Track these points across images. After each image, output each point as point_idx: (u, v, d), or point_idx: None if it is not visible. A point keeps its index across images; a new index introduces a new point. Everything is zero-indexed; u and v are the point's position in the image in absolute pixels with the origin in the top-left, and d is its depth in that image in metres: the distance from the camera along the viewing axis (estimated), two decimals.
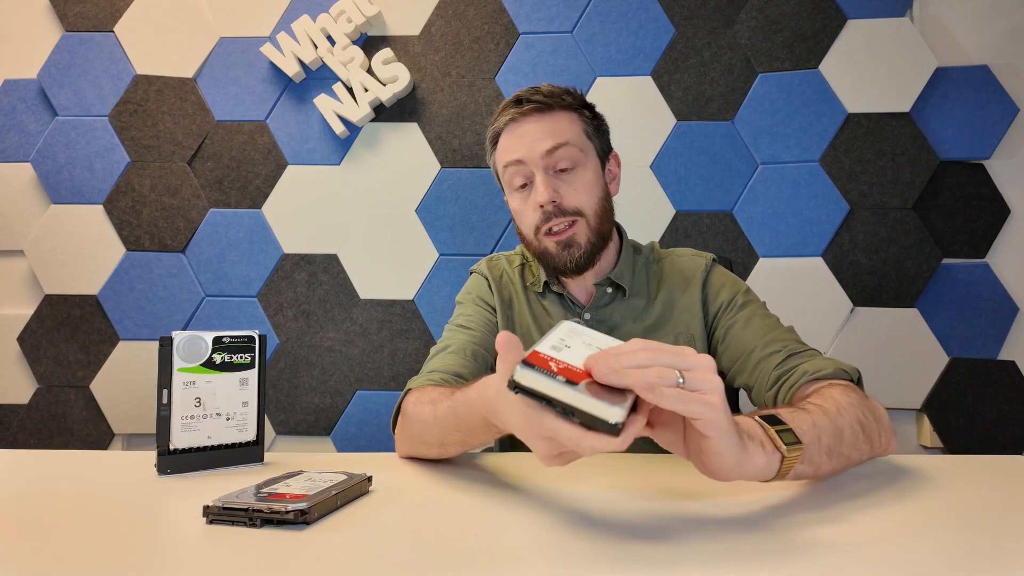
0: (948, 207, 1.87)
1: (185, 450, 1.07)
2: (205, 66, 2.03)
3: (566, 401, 0.57)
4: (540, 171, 1.20)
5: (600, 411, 0.56)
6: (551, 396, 0.57)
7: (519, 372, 0.57)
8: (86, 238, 2.00)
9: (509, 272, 1.38)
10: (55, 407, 1.98)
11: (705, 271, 1.31)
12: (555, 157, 1.21)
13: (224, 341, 1.15)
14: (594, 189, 1.24)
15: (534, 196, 1.21)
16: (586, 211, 1.22)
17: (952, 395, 1.84)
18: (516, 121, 1.23)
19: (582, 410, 0.57)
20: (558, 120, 1.23)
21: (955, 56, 1.90)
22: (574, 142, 1.22)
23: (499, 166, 1.27)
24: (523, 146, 1.22)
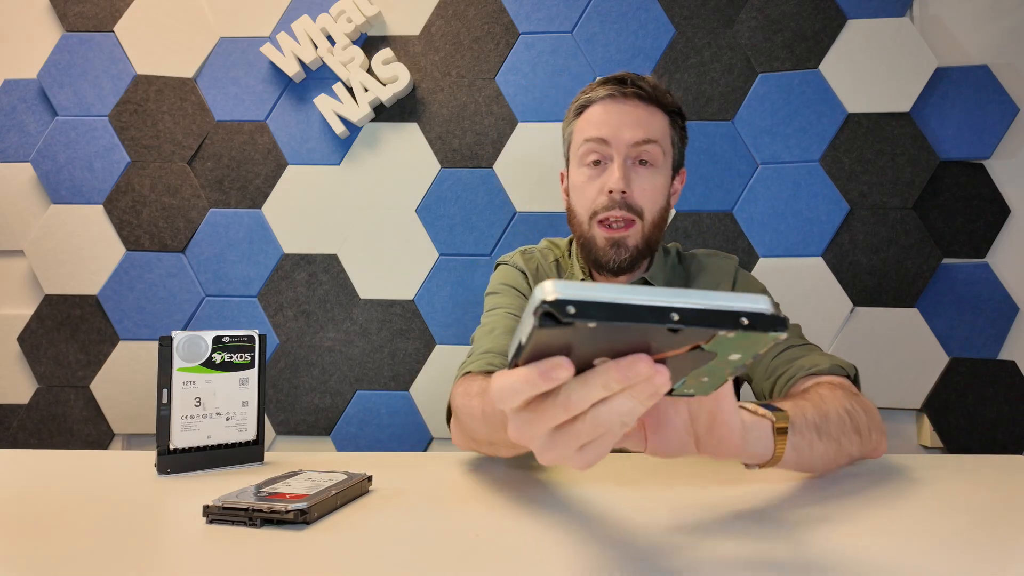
0: (948, 207, 1.87)
1: (185, 450, 1.07)
2: (205, 66, 2.03)
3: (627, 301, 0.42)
4: (621, 158, 1.18)
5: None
6: (602, 300, 0.42)
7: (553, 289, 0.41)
8: (86, 238, 2.00)
9: (544, 267, 1.35)
10: (55, 407, 1.98)
11: (735, 273, 1.31)
12: (640, 150, 1.19)
13: (224, 341, 1.15)
14: (660, 196, 1.23)
15: (605, 178, 1.19)
16: (647, 215, 1.21)
17: (952, 395, 1.83)
18: (613, 99, 1.21)
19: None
20: (654, 116, 1.21)
21: (955, 56, 1.90)
22: (661, 143, 1.21)
23: (577, 136, 1.24)
24: (612, 127, 1.19)
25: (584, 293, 0.40)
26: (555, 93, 1.98)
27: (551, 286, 0.40)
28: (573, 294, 0.40)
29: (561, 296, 0.40)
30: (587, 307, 0.40)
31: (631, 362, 0.44)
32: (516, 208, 1.97)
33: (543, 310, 0.39)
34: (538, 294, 0.40)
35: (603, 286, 0.41)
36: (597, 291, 0.41)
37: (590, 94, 1.24)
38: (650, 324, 0.41)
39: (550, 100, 1.98)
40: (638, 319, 0.41)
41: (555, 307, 0.39)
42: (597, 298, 0.41)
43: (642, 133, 1.19)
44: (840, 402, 0.91)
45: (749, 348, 0.46)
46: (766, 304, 0.43)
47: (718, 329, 0.42)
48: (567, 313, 0.39)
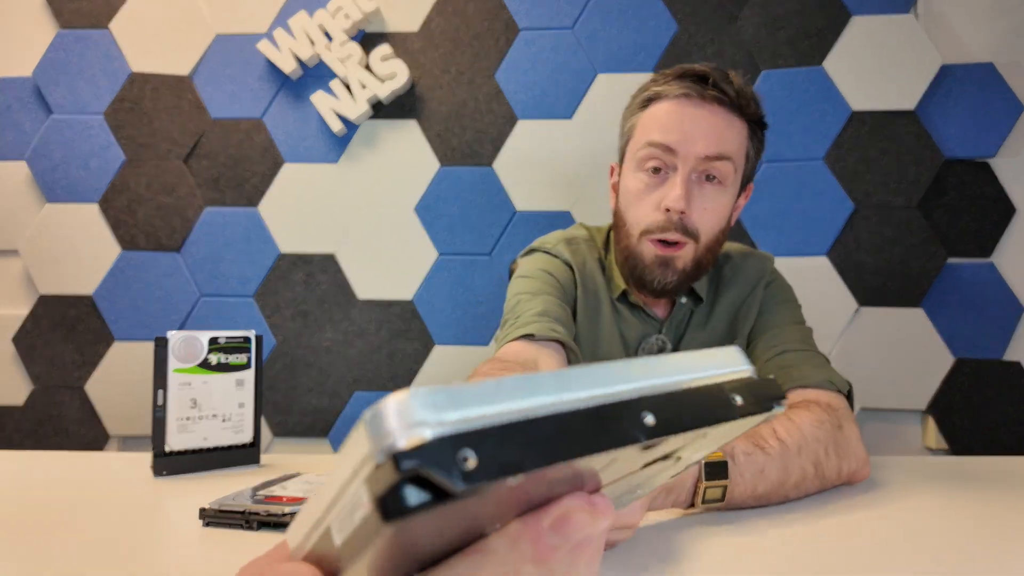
0: (953, 206, 1.85)
1: (181, 452, 1.06)
2: (201, 63, 2.01)
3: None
4: (686, 171, 1.04)
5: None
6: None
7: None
8: (81, 237, 1.98)
9: (591, 263, 1.19)
10: (50, 408, 1.96)
11: (769, 278, 1.20)
12: (709, 165, 1.04)
13: (220, 342, 1.13)
14: (721, 217, 1.09)
15: (664, 192, 1.05)
16: (702, 237, 1.07)
17: (957, 396, 1.82)
18: (689, 99, 1.05)
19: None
20: (732, 126, 1.06)
21: (959, 53, 1.88)
22: (735, 159, 1.06)
23: (640, 136, 1.09)
24: (682, 134, 1.04)
25: (489, 410, 0.22)
26: (555, 90, 1.96)
27: (404, 413, 0.20)
28: (464, 419, 0.21)
29: (443, 432, 0.20)
30: (503, 446, 0.21)
31: (566, 522, 0.27)
32: (516, 207, 1.95)
33: (398, 477, 0.19)
34: (373, 435, 0.20)
35: (511, 382, 0.23)
36: (510, 398, 0.23)
37: (662, 87, 1.09)
38: (610, 450, 0.24)
39: (550, 97, 1.97)
40: (597, 445, 0.23)
41: (432, 464, 0.19)
42: (521, 415, 0.22)
43: (715, 147, 1.04)
44: (813, 451, 0.83)
45: (724, 436, 0.33)
46: (744, 360, 0.32)
47: (706, 426, 0.28)
48: (462, 473, 0.20)
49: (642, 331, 1.16)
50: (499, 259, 1.93)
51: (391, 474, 0.19)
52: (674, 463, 0.35)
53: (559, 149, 1.94)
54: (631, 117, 1.15)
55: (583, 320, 1.14)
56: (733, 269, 1.21)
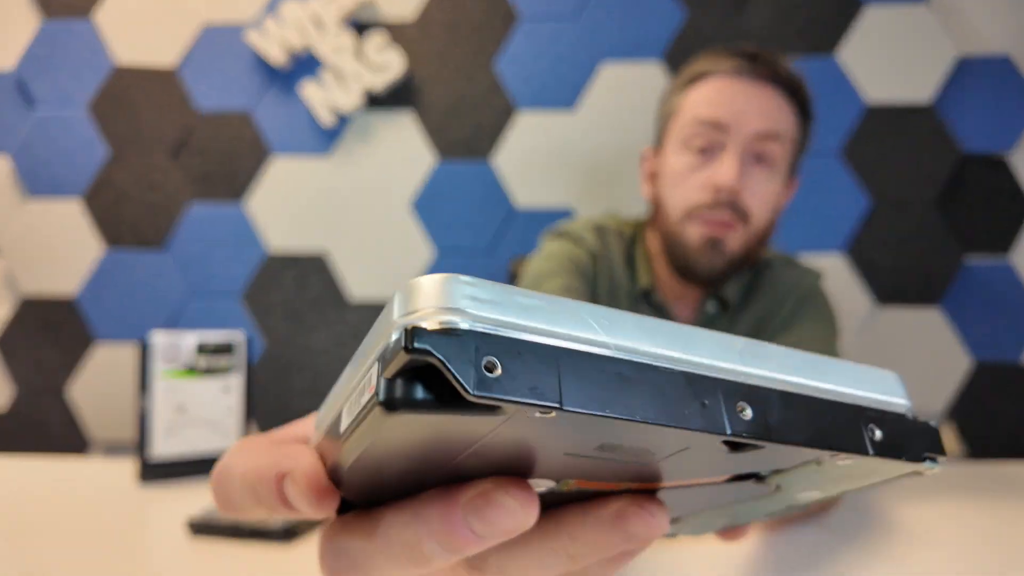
0: (970, 202, 1.80)
1: (167, 458, 1.02)
2: (189, 55, 1.95)
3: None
4: (739, 148, 0.97)
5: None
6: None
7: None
8: (65, 235, 1.92)
9: (617, 256, 1.12)
10: (34, 413, 1.91)
11: (807, 293, 1.11)
12: (763, 144, 0.98)
13: (208, 344, 1.08)
14: (771, 203, 1.02)
15: (714, 171, 0.98)
16: (754, 221, 1.00)
17: (975, 399, 1.77)
18: (739, 76, 0.99)
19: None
20: (783, 107, 1.00)
21: (975, 45, 1.83)
22: (785, 142, 1.00)
23: (685, 113, 1.02)
24: (735, 109, 0.98)
25: (545, 327, 0.18)
26: (556, 81, 1.91)
27: (442, 294, 0.17)
28: (508, 323, 0.18)
29: (476, 327, 0.17)
30: (542, 369, 0.17)
31: (622, 521, 0.24)
32: (516, 202, 1.89)
33: (408, 359, 0.16)
34: (400, 309, 0.18)
35: (587, 309, 0.19)
36: (577, 325, 0.19)
37: (709, 65, 1.03)
38: (694, 431, 0.19)
39: (551, 89, 1.91)
40: (665, 415, 0.19)
41: (450, 355, 0.16)
42: (581, 346, 0.19)
43: (770, 123, 0.98)
44: None
45: (854, 480, 0.27)
46: (902, 393, 0.25)
47: (825, 451, 0.22)
48: (483, 378, 0.17)
49: None
50: (498, 257, 1.87)
51: (403, 355, 0.16)
52: (772, 493, 0.27)
53: (560, 142, 1.89)
54: (673, 97, 1.08)
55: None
56: (770, 278, 1.13)
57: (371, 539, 0.24)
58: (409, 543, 0.22)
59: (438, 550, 0.22)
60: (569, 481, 0.24)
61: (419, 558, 0.22)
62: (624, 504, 0.24)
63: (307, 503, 0.23)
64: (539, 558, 0.25)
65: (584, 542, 0.24)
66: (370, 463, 0.21)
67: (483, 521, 0.21)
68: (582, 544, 0.24)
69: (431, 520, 0.22)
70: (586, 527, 0.24)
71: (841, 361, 0.24)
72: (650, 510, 0.24)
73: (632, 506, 0.24)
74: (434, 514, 0.22)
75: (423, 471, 0.22)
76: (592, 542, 0.24)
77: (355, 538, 0.24)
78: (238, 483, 0.25)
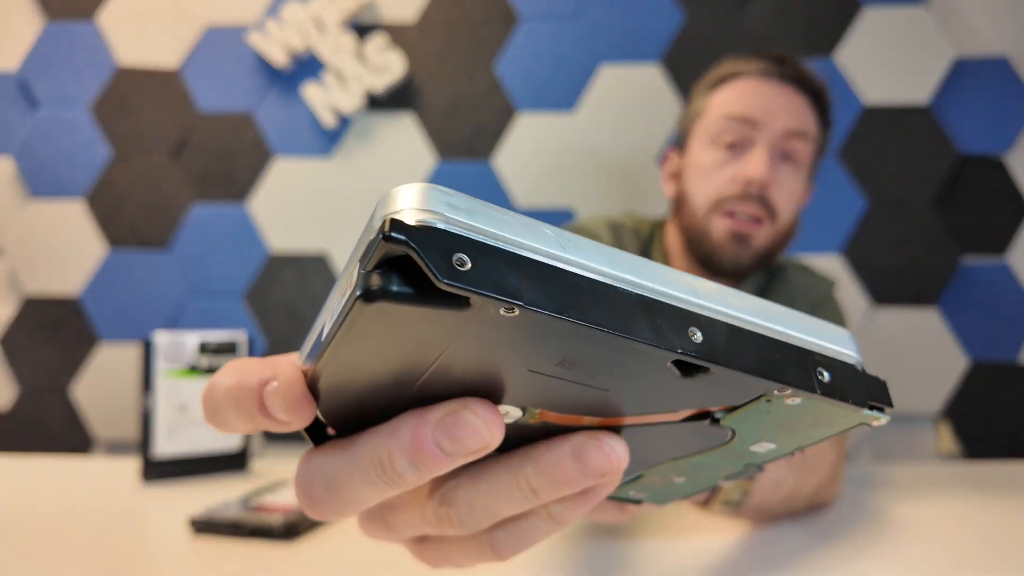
0: (967, 203, 1.81)
1: (170, 457, 1.02)
2: (191, 56, 1.96)
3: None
4: (768, 143, 0.99)
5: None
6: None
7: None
8: (67, 235, 1.93)
9: (632, 253, 1.19)
10: (37, 412, 1.91)
11: (820, 300, 1.12)
12: (790, 142, 1.01)
13: (209, 344, 1.09)
14: (796, 202, 1.05)
15: (743, 165, 1.00)
16: (780, 217, 1.02)
17: (972, 399, 1.77)
18: (767, 77, 1.02)
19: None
20: (808, 111, 1.03)
21: (973, 46, 1.84)
22: (810, 142, 1.03)
23: (713, 111, 1.05)
24: (766, 107, 1.00)
25: (514, 237, 0.20)
26: (557, 82, 1.91)
27: (421, 198, 0.19)
28: (481, 230, 0.19)
29: (450, 228, 0.19)
30: (508, 270, 0.19)
31: (581, 454, 0.25)
32: (516, 203, 1.90)
33: (386, 249, 0.18)
34: (381, 210, 0.19)
35: (536, 225, 0.21)
36: (532, 236, 0.20)
37: (737, 67, 1.06)
38: (643, 344, 0.20)
39: (551, 90, 1.91)
40: (617, 324, 0.20)
41: (424, 247, 0.18)
42: (549, 260, 0.20)
43: (798, 122, 1.01)
44: (824, 445, 0.77)
45: (803, 428, 0.27)
46: (854, 348, 0.26)
47: (772, 382, 0.23)
48: (453, 269, 0.18)
49: None
50: None
51: (382, 245, 0.17)
52: (728, 443, 0.28)
53: (560, 143, 1.89)
54: (698, 99, 1.10)
55: None
56: (784, 282, 1.14)
57: (345, 457, 0.25)
58: (381, 460, 0.23)
59: (408, 467, 0.23)
60: (535, 412, 0.25)
61: (391, 475, 0.24)
62: (584, 438, 0.25)
63: (284, 409, 0.24)
64: (505, 492, 0.26)
65: (546, 475, 0.25)
66: (347, 376, 0.22)
67: (451, 439, 0.22)
68: (545, 478, 0.25)
69: (403, 437, 0.23)
70: (548, 460, 0.25)
71: (799, 313, 0.25)
72: (609, 443, 0.25)
73: (591, 440, 0.25)
74: (406, 432, 0.23)
75: (396, 392, 0.23)
76: (553, 475, 0.25)
77: (330, 459, 0.25)
78: (223, 395, 0.25)
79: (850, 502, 0.84)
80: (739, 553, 0.64)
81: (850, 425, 0.27)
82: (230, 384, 0.25)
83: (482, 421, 0.23)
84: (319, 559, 0.63)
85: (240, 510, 0.73)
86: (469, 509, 0.27)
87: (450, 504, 0.27)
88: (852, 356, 0.26)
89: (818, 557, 0.63)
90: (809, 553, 0.64)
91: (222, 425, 0.26)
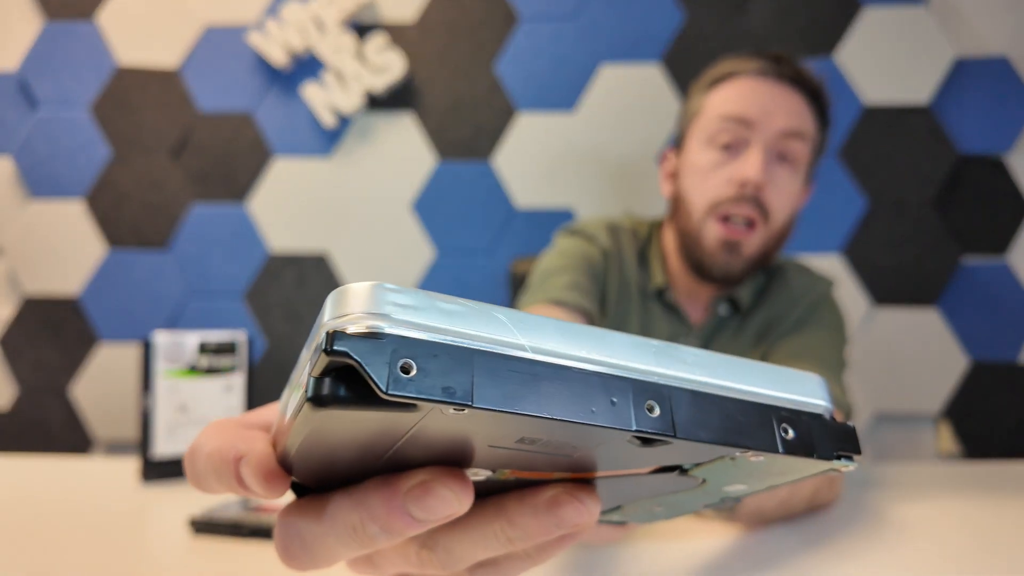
0: (967, 203, 1.81)
1: (169, 457, 1.02)
2: (190, 56, 1.95)
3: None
4: (764, 144, 0.98)
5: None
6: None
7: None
8: (67, 235, 1.93)
9: (629, 255, 1.12)
10: (36, 412, 1.91)
11: (818, 300, 1.10)
12: (786, 143, 0.99)
13: (209, 343, 1.09)
14: (792, 203, 1.04)
15: (739, 166, 0.99)
16: (774, 220, 1.01)
17: (972, 399, 1.77)
18: (764, 77, 1.01)
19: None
20: (806, 111, 1.02)
21: (973, 46, 1.84)
22: (807, 142, 1.01)
23: (710, 111, 1.04)
24: (762, 107, 0.99)
25: (463, 329, 0.20)
26: (556, 82, 1.91)
27: (369, 300, 0.19)
28: (428, 327, 0.19)
29: (397, 331, 0.19)
30: (456, 370, 0.19)
31: (554, 508, 0.26)
32: (516, 203, 1.89)
33: (328, 361, 0.18)
34: (330, 312, 0.19)
35: (486, 311, 0.21)
36: (482, 325, 0.20)
37: (734, 67, 1.05)
38: (601, 427, 0.20)
39: (551, 90, 1.91)
40: (568, 412, 0.20)
41: (366, 357, 0.18)
42: (487, 346, 0.20)
43: (794, 122, 1.00)
44: (815, 482, 0.75)
45: (772, 476, 0.28)
46: (823, 395, 0.26)
47: (733, 448, 0.23)
48: (397, 378, 0.18)
49: (670, 333, 1.09)
50: (498, 257, 1.87)
51: (324, 357, 0.18)
52: (699, 486, 0.29)
53: (560, 143, 1.89)
54: (696, 98, 1.09)
55: (609, 313, 1.08)
56: (782, 282, 1.13)
57: (320, 522, 0.26)
58: (354, 526, 0.24)
59: (380, 533, 0.24)
60: (504, 471, 0.26)
61: (363, 539, 0.25)
62: (557, 493, 0.26)
63: (258, 485, 0.25)
64: (482, 539, 0.27)
65: (520, 527, 0.26)
66: (314, 449, 0.22)
67: (422, 508, 0.23)
68: (519, 529, 0.26)
69: (374, 506, 0.24)
70: (523, 514, 0.26)
71: (763, 364, 0.25)
72: (581, 499, 0.26)
73: (564, 495, 0.26)
74: (377, 501, 0.24)
75: (365, 458, 0.23)
76: (527, 527, 0.26)
77: (305, 520, 0.26)
78: (203, 462, 0.26)
79: (850, 502, 0.84)
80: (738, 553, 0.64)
81: (819, 471, 0.27)
82: (209, 452, 0.26)
83: (452, 492, 0.23)
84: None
85: (239, 510, 0.73)
86: (449, 553, 0.28)
87: (431, 549, 0.29)
88: (820, 405, 0.26)
89: (818, 556, 0.63)
90: (809, 552, 0.64)
91: (204, 490, 0.27)
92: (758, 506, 0.67)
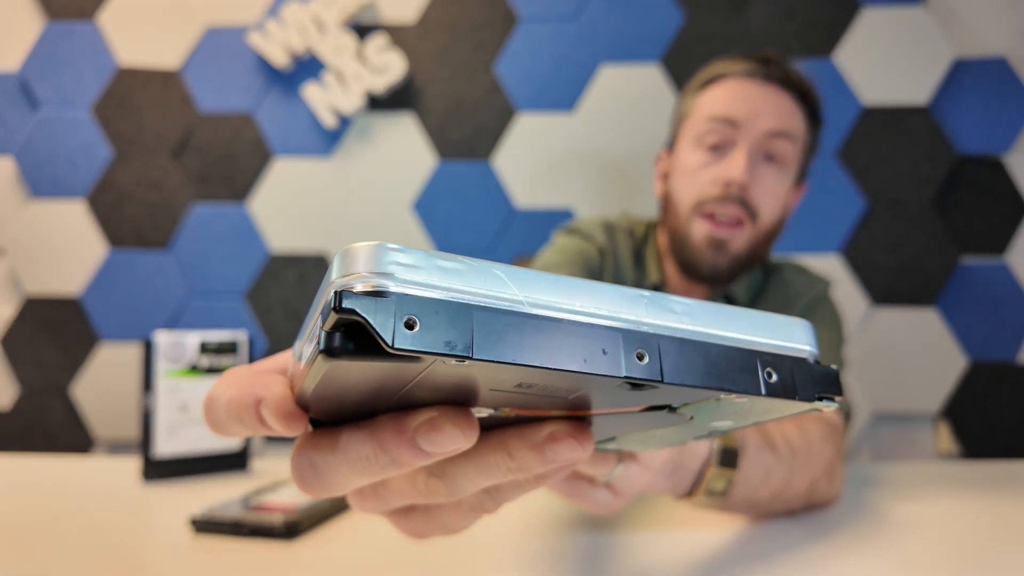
0: (966, 203, 1.81)
1: (170, 456, 1.02)
2: (191, 56, 1.96)
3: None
4: (749, 145, 1.00)
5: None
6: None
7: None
8: (68, 235, 1.93)
9: (624, 254, 1.15)
10: (38, 412, 1.92)
11: (815, 299, 1.11)
12: (773, 143, 1.01)
13: (210, 343, 1.09)
14: (779, 202, 1.04)
15: (724, 166, 1.00)
16: (761, 219, 1.01)
17: (971, 398, 1.77)
18: (752, 78, 1.02)
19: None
20: (795, 110, 1.03)
21: (972, 47, 1.84)
22: (796, 142, 1.03)
23: (699, 112, 1.05)
24: (747, 108, 1.00)
25: (463, 287, 0.21)
26: (556, 83, 1.91)
27: (374, 259, 0.20)
28: (430, 284, 0.20)
29: (401, 289, 0.20)
30: (457, 324, 0.20)
31: (551, 445, 0.29)
32: (516, 203, 1.90)
33: (337, 317, 0.19)
34: (338, 270, 0.20)
35: (484, 268, 0.22)
36: (480, 281, 0.21)
37: (723, 68, 1.06)
38: (591, 375, 0.22)
39: (551, 90, 1.91)
40: (563, 362, 0.21)
41: (373, 315, 0.19)
42: (486, 301, 0.21)
43: (781, 122, 1.00)
44: (813, 469, 0.75)
45: (757, 414, 0.30)
46: (808, 340, 0.27)
47: (718, 391, 0.24)
48: (402, 333, 0.19)
49: None
50: (499, 257, 1.88)
51: (333, 315, 0.19)
52: (688, 422, 0.31)
53: (560, 143, 1.89)
54: (687, 99, 1.11)
55: None
56: (779, 282, 1.14)
57: (334, 452, 0.28)
58: (367, 456, 0.27)
59: (390, 463, 0.27)
60: (505, 410, 0.28)
61: (375, 468, 0.27)
62: (554, 430, 0.29)
63: (279, 423, 0.27)
64: (485, 470, 0.30)
65: (520, 460, 0.29)
66: (328, 391, 0.24)
67: (430, 443, 0.25)
68: (519, 461, 0.29)
69: (386, 439, 0.26)
70: (522, 448, 0.29)
71: (751, 311, 0.26)
72: (576, 436, 0.29)
73: (560, 432, 0.29)
74: (389, 434, 0.26)
75: (376, 398, 0.25)
76: (526, 460, 0.29)
77: (320, 451, 0.29)
78: (223, 408, 0.28)
79: (849, 501, 0.83)
80: (736, 549, 0.64)
81: (801, 411, 0.28)
82: (228, 398, 0.28)
83: (458, 428, 0.25)
84: (319, 559, 0.63)
85: (240, 509, 0.73)
86: (455, 481, 0.32)
87: (439, 477, 0.32)
88: (804, 350, 0.27)
89: (817, 555, 0.62)
90: (808, 551, 0.64)
91: (225, 435, 0.30)
92: (749, 495, 0.67)
